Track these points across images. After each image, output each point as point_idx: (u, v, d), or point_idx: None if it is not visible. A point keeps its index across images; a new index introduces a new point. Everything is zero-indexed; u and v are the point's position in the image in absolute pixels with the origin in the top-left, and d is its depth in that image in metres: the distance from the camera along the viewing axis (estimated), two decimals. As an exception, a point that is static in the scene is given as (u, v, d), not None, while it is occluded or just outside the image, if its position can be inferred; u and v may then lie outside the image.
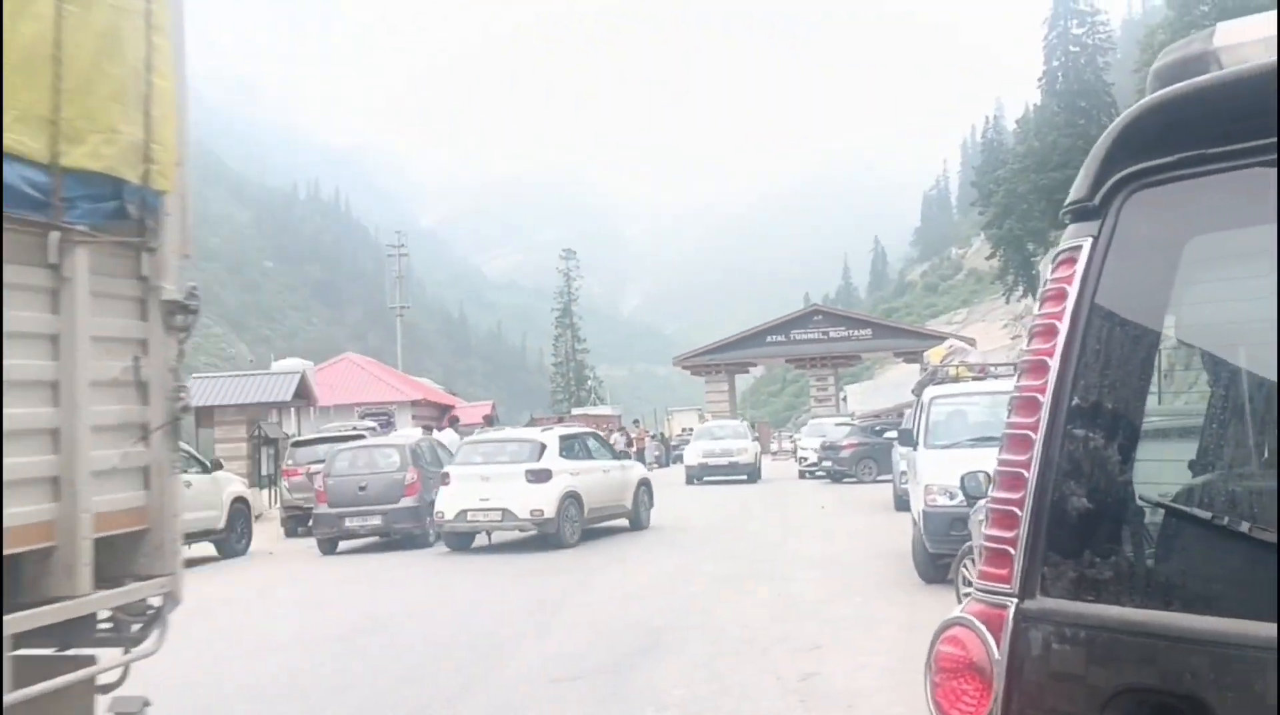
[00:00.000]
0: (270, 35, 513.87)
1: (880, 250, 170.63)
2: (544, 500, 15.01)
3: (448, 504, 15.37)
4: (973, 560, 7.90)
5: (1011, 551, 1.82)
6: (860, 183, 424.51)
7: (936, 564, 10.25)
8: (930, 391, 11.88)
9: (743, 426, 35.14)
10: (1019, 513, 1.81)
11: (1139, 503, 1.73)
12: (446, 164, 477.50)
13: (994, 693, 1.78)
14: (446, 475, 15.80)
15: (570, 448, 16.25)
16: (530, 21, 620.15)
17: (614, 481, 17.04)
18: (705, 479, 29.35)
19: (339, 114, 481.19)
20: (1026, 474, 1.82)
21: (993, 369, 13.02)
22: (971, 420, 11.27)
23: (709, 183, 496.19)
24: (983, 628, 1.81)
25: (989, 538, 1.87)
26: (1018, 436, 1.86)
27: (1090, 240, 1.86)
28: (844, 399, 59.21)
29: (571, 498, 15.44)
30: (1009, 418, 1.90)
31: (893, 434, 21.86)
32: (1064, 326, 1.84)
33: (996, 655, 1.78)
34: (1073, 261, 1.87)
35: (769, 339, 54.95)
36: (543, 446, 15.75)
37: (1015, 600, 1.79)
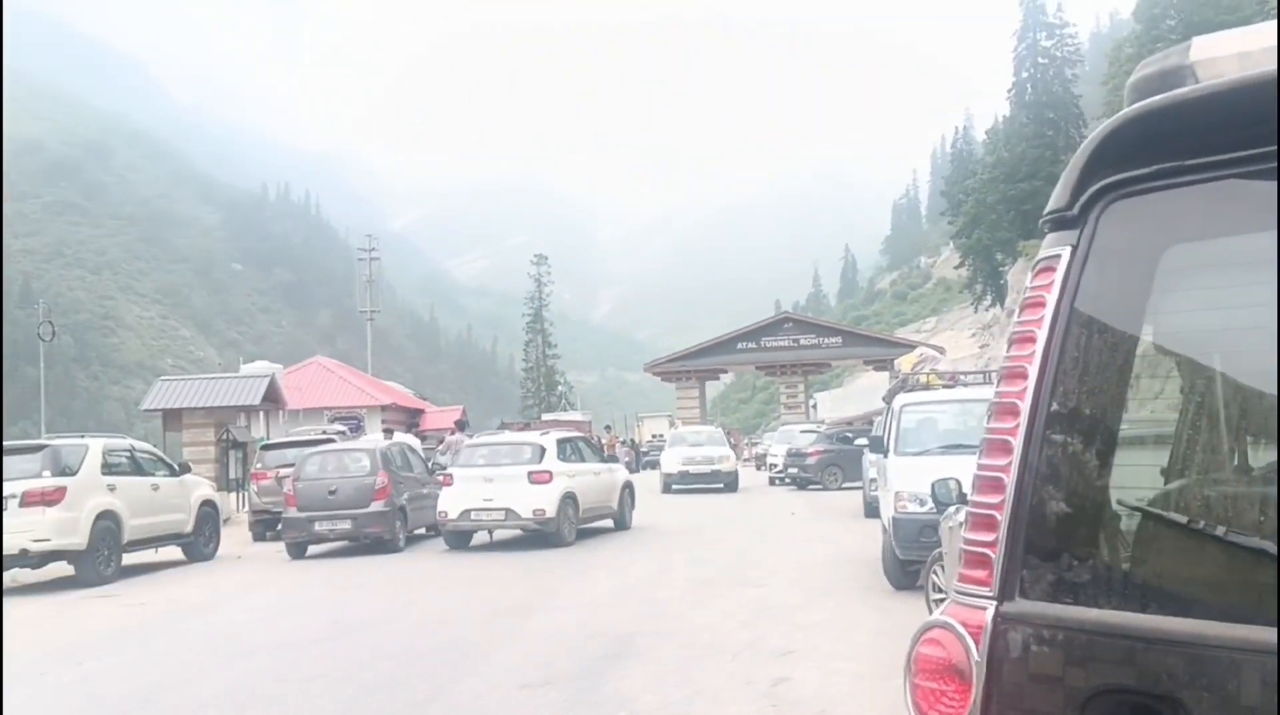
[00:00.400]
0: (241, 37, 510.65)
1: (850, 258, 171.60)
2: (546, 500, 15.73)
3: (451, 504, 16.05)
4: (942, 566, 7.96)
5: (991, 555, 1.84)
6: (831, 191, 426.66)
7: (906, 570, 10.30)
8: (901, 399, 11.95)
9: (719, 433, 33.58)
10: (998, 517, 1.84)
11: (1116, 507, 1.76)
12: (418, 168, 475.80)
13: (973, 694, 1.80)
14: (450, 476, 16.55)
15: (565, 451, 16.93)
16: (503, 29, 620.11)
17: (604, 483, 17.79)
18: (676, 487, 27.98)
19: (310, 117, 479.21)
20: (1006, 478, 1.84)
21: (963, 377, 13.16)
22: (942, 428, 11.37)
23: (680, 189, 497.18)
24: (962, 630, 1.83)
25: (968, 541, 1.89)
26: (997, 441, 1.88)
27: (1069, 249, 1.88)
28: (814, 406, 59.48)
29: (569, 498, 16.15)
30: (988, 423, 1.93)
31: (863, 441, 21.98)
32: (1043, 333, 1.87)
33: (976, 657, 1.80)
34: (1051, 269, 1.90)
35: (740, 346, 55.12)
36: (543, 449, 16.50)
37: (994, 603, 1.81)
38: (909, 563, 10.14)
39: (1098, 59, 66.85)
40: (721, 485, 28.12)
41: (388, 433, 24.18)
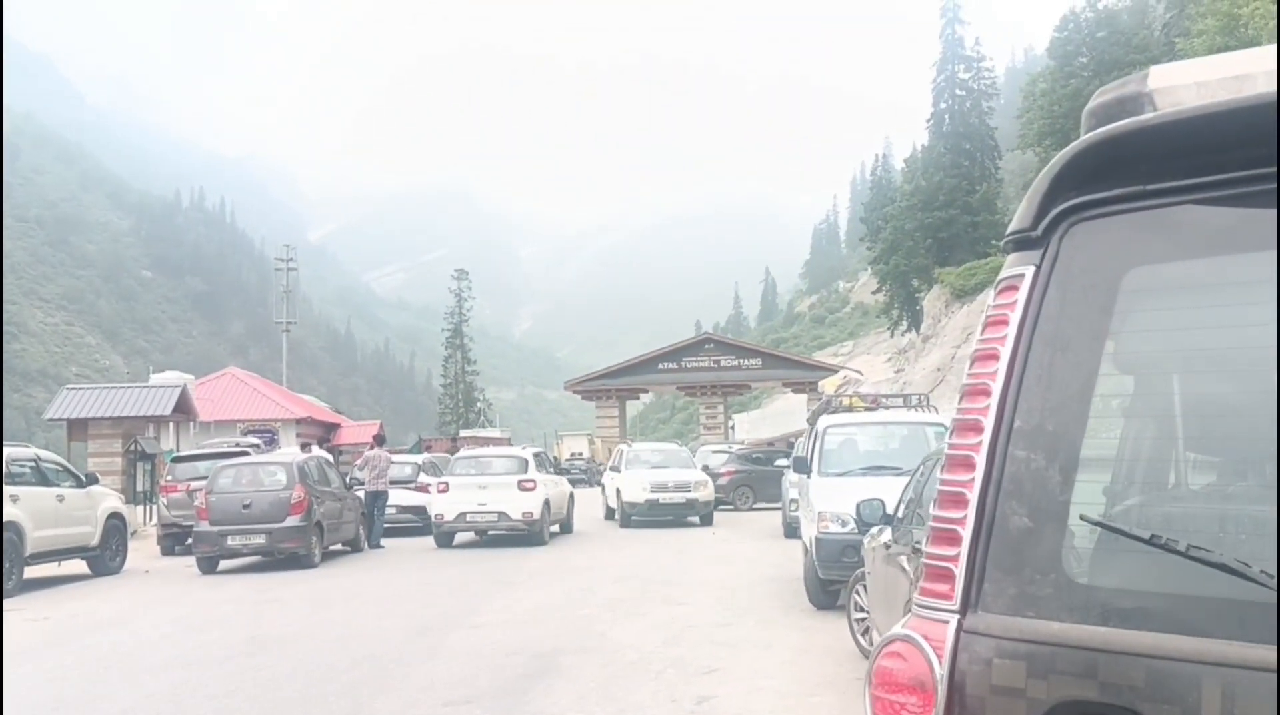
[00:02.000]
0: (157, 37, 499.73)
1: (770, 281, 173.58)
2: (533, 505, 18.30)
3: (447, 508, 18.49)
4: (864, 586, 8.04)
5: (953, 569, 1.85)
6: (752, 215, 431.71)
7: (828, 590, 10.40)
8: (824, 420, 12.08)
9: (685, 452, 26.54)
10: (961, 531, 1.86)
11: (1078, 521, 1.79)
12: (337, 178, 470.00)
13: (935, 707, 1.81)
14: (446, 484, 18.80)
15: (536, 463, 19.29)
16: (426, 40, 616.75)
17: (561, 493, 20.38)
18: (639, 520, 22.44)
19: (228, 122, 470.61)
20: (968, 494, 1.86)
21: (884, 400, 13.35)
22: (864, 449, 11.52)
23: (603, 209, 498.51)
24: (924, 643, 1.84)
25: (931, 555, 1.91)
26: (960, 457, 1.90)
27: (1032, 269, 1.92)
28: (732, 427, 59.90)
29: (547, 504, 18.67)
30: (950, 439, 1.95)
31: (784, 462, 22.14)
32: (1006, 351, 1.90)
33: (939, 669, 1.81)
34: (1015, 288, 1.93)
35: (661, 366, 55.26)
36: (527, 461, 19.01)
37: (957, 616, 1.83)
38: (830, 582, 10.23)
39: (1013, 93, 68.64)
40: (698, 519, 22.54)
41: (305, 447, 23.74)
